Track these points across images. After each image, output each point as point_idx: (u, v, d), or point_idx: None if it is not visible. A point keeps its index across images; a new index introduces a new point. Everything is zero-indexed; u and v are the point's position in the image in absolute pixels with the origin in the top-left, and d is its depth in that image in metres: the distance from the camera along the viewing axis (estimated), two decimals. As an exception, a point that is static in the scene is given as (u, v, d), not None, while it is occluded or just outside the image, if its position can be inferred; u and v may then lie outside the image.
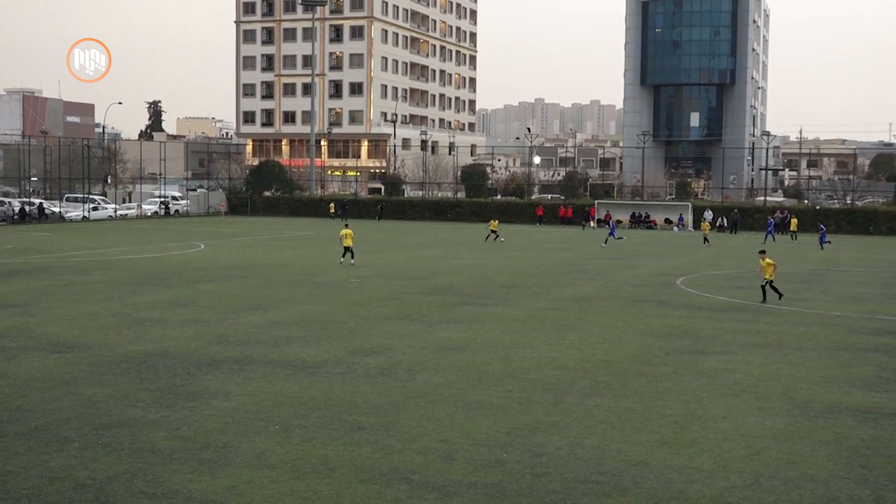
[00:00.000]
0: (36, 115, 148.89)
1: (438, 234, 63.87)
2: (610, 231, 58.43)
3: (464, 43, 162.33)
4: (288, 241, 54.78)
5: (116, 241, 52.09)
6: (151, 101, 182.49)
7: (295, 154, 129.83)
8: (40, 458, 12.37)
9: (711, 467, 12.47)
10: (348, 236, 39.54)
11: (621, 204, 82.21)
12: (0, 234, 57.38)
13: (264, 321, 23.95)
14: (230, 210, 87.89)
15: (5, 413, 14.59)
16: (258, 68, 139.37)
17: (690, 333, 23.15)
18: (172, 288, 30.76)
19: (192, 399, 15.61)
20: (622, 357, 19.92)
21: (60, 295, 28.60)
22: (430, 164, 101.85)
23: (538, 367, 18.67)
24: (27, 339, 21.03)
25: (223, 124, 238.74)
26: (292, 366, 18.41)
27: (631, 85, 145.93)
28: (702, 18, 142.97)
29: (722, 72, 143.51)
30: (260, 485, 11.50)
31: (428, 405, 15.49)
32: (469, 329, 23.21)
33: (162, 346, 20.26)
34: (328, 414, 14.84)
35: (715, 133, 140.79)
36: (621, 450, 13.15)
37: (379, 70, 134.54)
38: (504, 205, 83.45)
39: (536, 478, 11.92)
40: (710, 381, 17.73)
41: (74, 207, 78.84)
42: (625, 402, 15.89)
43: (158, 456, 12.56)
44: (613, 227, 59.27)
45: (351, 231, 40.09)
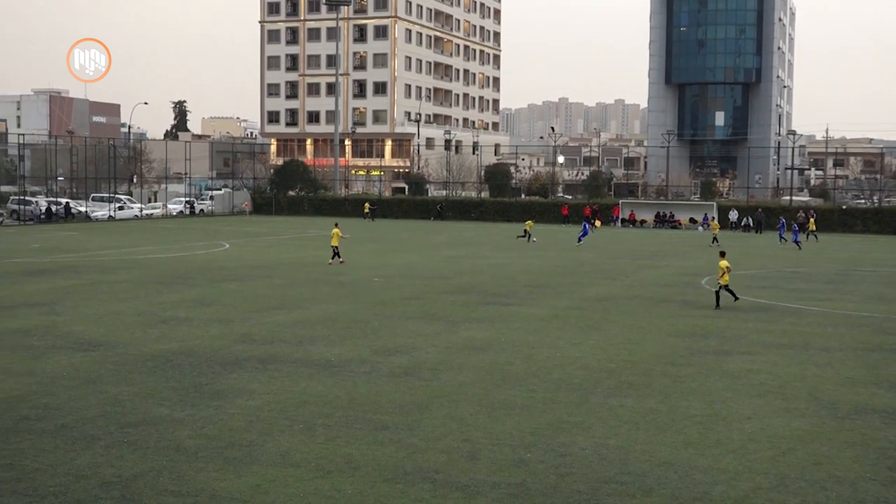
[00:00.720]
0: (62, 115, 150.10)
1: (462, 233, 63.85)
2: (583, 231, 56.29)
3: (487, 42, 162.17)
4: (312, 240, 54.91)
5: (142, 241, 52.41)
6: (177, 101, 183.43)
7: (319, 154, 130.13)
8: (67, 456, 12.47)
9: (736, 468, 12.41)
10: (335, 236, 39.09)
11: (646, 203, 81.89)
12: (27, 234, 57.86)
13: (288, 320, 24.03)
14: (255, 209, 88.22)
15: (32, 411, 14.71)
16: (283, 68, 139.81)
17: (715, 333, 23.04)
18: (197, 287, 30.92)
19: (217, 398, 15.69)
20: (646, 357, 19.85)
21: (86, 294, 28.81)
22: (453, 163, 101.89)
23: (562, 367, 18.64)
24: (54, 337, 21.20)
25: (248, 124, 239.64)
26: (316, 365, 18.47)
27: (655, 84, 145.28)
28: (727, 17, 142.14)
29: (747, 70, 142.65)
30: (284, 483, 11.55)
31: (452, 404, 15.50)
32: (493, 328, 23.20)
33: (187, 345, 20.37)
34: (352, 413, 14.87)
35: (740, 132, 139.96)
36: (646, 450, 13.11)
37: (403, 69, 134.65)
38: (528, 204, 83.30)
39: (560, 478, 11.90)
40: (735, 381, 17.64)
41: (100, 207, 79.36)
42: (649, 403, 15.83)
43: (184, 454, 12.63)
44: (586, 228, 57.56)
45: (339, 231, 39.63)
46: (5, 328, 22.29)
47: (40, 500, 10.87)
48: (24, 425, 13.91)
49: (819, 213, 71.12)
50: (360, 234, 60.47)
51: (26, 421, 14.14)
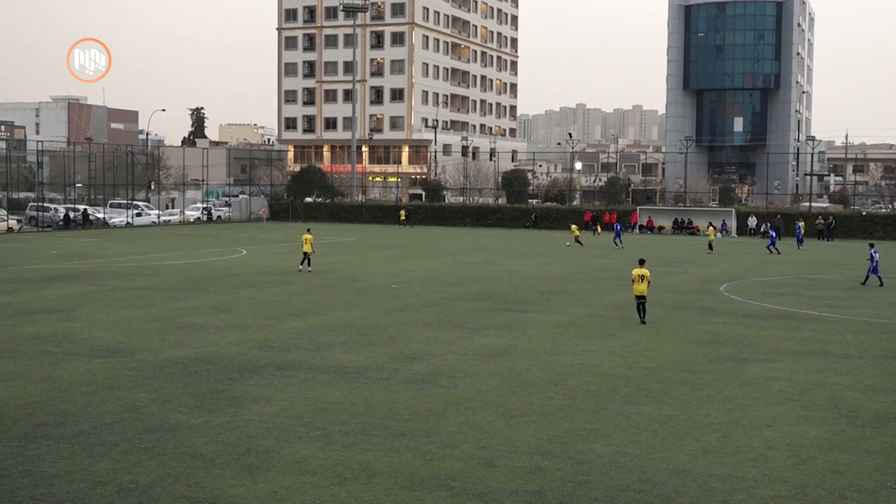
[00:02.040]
0: (81, 122, 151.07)
1: (479, 239, 63.80)
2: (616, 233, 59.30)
3: (505, 48, 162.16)
4: (329, 247, 54.97)
5: (159, 247, 52.59)
6: (194, 108, 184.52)
7: (336, 160, 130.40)
8: (84, 463, 12.49)
9: (756, 476, 12.32)
10: (308, 241, 38.65)
11: (664, 210, 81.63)
12: (45, 240, 58.18)
13: (305, 327, 24.05)
14: (272, 216, 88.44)
15: (50, 417, 14.76)
16: (300, 75, 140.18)
17: (734, 341, 22.91)
18: (214, 294, 30.99)
19: (233, 404, 15.70)
20: (664, 364, 19.76)
21: (104, 300, 28.92)
22: (470, 169, 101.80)
23: (579, 374, 18.57)
24: (72, 343, 21.28)
25: (265, 131, 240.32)
26: (333, 371, 18.46)
27: (673, 90, 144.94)
28: (745, 22, 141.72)
29: (766, 76, 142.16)
30: (301, 490, 11.53)
31: (469, 412, 15.46)
32: (510, 335, 23.14)
33: (204, 352, 20.40)
34: (369, 420, 14.85)
35: (759, 138, 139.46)
36: (664, 458, 13.04)
37: (420, 76, 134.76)
38: (545, 211, 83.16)
39: (578, 486, 11.85)
40: (754, 389, 17.53)
41: (118, 213, 79.71)
42: (667, 410, 15.75)
43: (201, 461, 12.63)
44: (619, 231, 59.99)
45: (311, 237, 39.20)
46: (23, 334, 22.39)
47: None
48: (41, 431, 13.95)
49: (838, 220, 70.76)
50: (397, 241, 60.59)
51: (44, 427, 14.18)
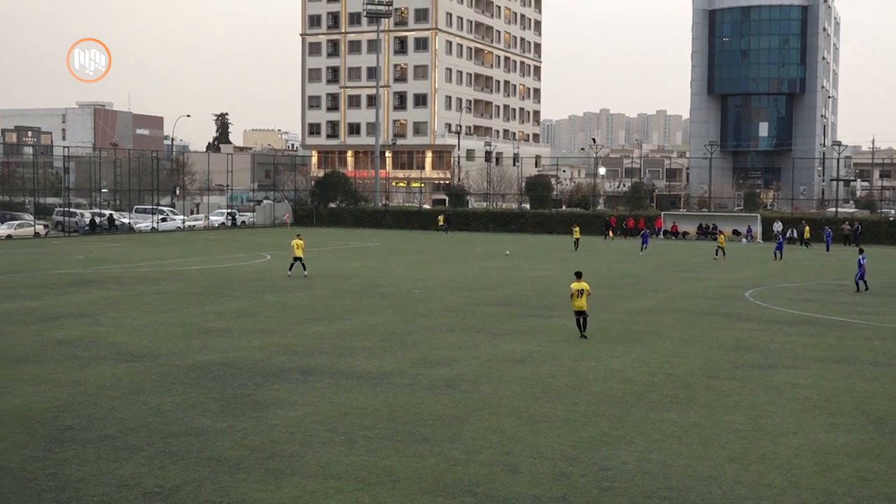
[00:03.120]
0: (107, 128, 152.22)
1: (503, 245, 63.73)
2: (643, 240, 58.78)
3: (528, 54, 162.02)
4: (353, 252, 55.09)
5: (184, 252, 52.87)
6: (219, 114, 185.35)
7: (360, 165, 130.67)
8: (110, 466, 12.56)
9: (782, 484, 12.23)
10: (299, 247, 38.29)
11: (688, 215, 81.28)
12: (71, 245, 58.60)
13: (329, 332, 24.09)
14: (295, 221, 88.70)
15: (76, 421, 14.85)
16: (324, 80, 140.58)
17: (760, 347, 22.76)
18: (239, 298, 31.11)
19: (258, 409, 15.75)
20: (689, 371, 19.65)
21: (129, 305, 29.09)
22: (494, 175, 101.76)
23: (604, 380, 18.50)
24: (97, 348, 21.41)
25: (289, 136, 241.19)
26: (357, 376, 18.48)
27: (698, 95, 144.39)
28: (770, 27, 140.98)
29: (791, 80, 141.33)
30: (325, 495, 11.55)
31: (492, 417, 15.43)
32: (534, 341, 23.10)
33: (228, 356, 20.48)
34: (393, 425, 14.85)
35: (784, 143, 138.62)
36: (689, 465, 12.97)
37: (443, 81, 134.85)
38: (568, 216, 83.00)
39: (602, 492, 11.80)
40: (780, 395, 17.41)
41: (143, 218, 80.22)
42: (692, 417, 15.66)
43: (225, 465, 12.68)
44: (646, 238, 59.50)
45: (302, 242, 38.85)
46: (50, 339, 22.56)
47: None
48: (68, 435, 14.04)
49: (865, 225, 70.19)
50: (433, 247, 60.66)
51: (70, 431, 14.27)
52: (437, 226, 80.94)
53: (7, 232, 66.27)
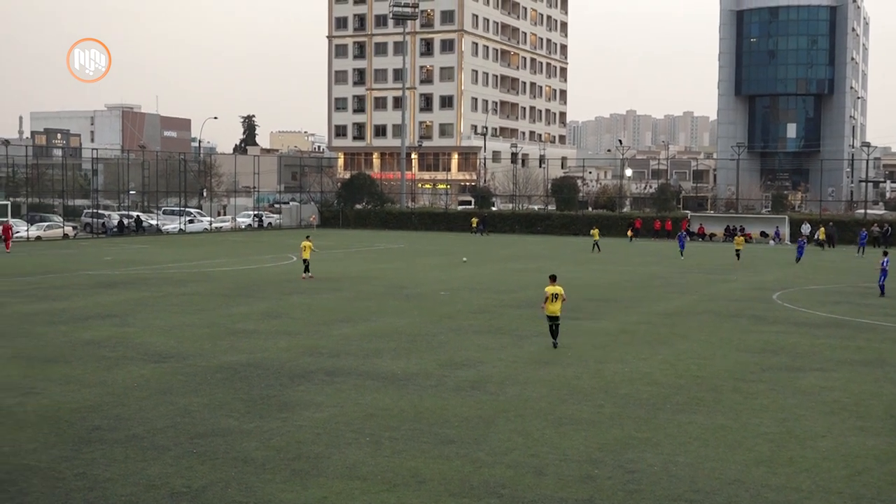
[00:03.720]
0: (135, 130, 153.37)
1: (528, 246, 63.66)
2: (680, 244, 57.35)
3: (554, 55, 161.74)
4: (379, 253, 55.19)
5: (211, 254, 53.14)
6: (246, 116, 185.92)
7: (386, 167, 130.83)
8: (138, 466, 12.64)
9: (810, 487, 12.14)
10: (307, 248, 38.29)
11: (715, 217, 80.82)
12: (100, 247, 59.05)
13: (355, 333, 24.13)
14: (322, 223, 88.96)
15: (104, 421, 14.96)
16: (350, 82, 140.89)
17: (787, 349, 22.60)
18: (265, 300, 31.23)
19: (284, 410, 15.80)
20: (716, 373, 19.54)
21: (157, 306, 29.28)
22: (520, 176, 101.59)
23: (630, 382, 18.43)
24: (125, 348, 21.56)
25: (315, 138, 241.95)
26: (383, 378, 18.50)
27: (725, 95, 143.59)
28: (798, 27, 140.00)
29: (820, 81, 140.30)
30: (351, 496, 11.57)
31: (518, 419, 15.41)
32: (560, 343, 23.03)
33: (255, 357, 20.56)
34: (418, 426, 14.86)
35: (812, 144, 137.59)
36: (715, 468, 12.89)
37: (469, 83, 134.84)
38: (595, 218, 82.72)
39: (628, 494, 11.76)
40: (808, 398, 17.28)
41: (171, 220, 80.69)
42: (719, 419, 15.57)
43: (252, 465, 12.73)
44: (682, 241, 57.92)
45: (311, 244, 38.79)
46: (78, 339, 22.74)
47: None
48: (96, 435, 14.14)
49: (894, 227, 69.54)
50: (442, 247, 60.69)
51: (98, 431, 14.38)
52: (472, 228, 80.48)
53: (36, 233, 66.88)
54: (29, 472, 12.35)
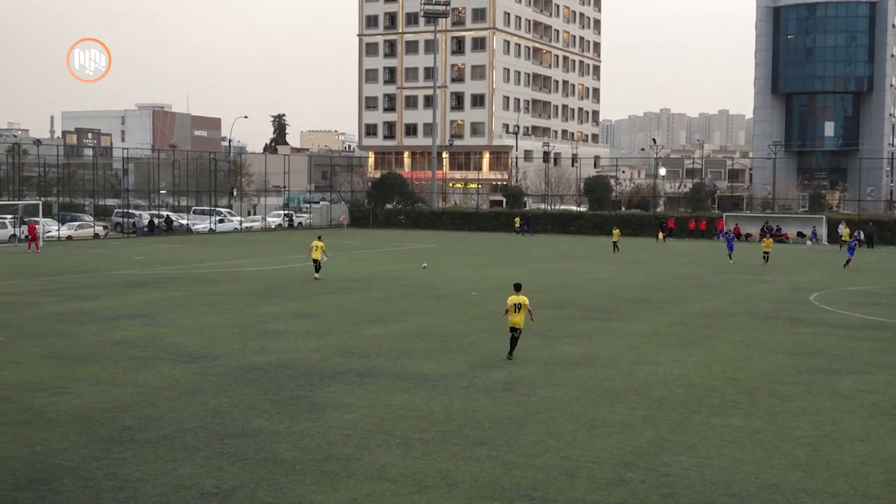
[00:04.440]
0: (165, 130, 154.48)
1: (560, 246, 63.41)
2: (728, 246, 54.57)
3: (587, 53, 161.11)
4: (409, 253, 55.14)
5: (241, 253, 53.35)
6: (276, 115, 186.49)
7: (416, 166, 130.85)
8: (168, 466, 12.62)
9: (848, 492, 11.92)
10: (317, 248, 37.53)
11: (751, 216, 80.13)
12: (130, 246, 59.45)
13: (385, 334, 24.05)
14: (352, 222, 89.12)
15: (135, 421, 14.96)
16: (380, 81, 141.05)
17: (825, 352, 22.27)
18: (295, 300, 31.24)
19: (314, 410, 15.73)
20: (752, 375, 19.28)
21: (187, 306, 29.36)
22: (552, 176, 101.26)
23: (664, 384, 18.21)
24: (156, 348, 21.61)
25: (346, 137, 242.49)
26: (413, 379, 18.40)
27: (761, 94, 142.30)
28: (837, 24, 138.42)
29: (858, 79, 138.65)
30: (381, 498, 11.48)
31: (550, 421, 15.25)
32: (592, 344, 22.84)
33: (285, 358, 20.53)
34: (449, 428, 14.74)
35: (851, 143, 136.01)
36: (751, 472, 12.69)
37: (501, 81, 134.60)
38: (627, 217, 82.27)
39: (662, 498, 11.58)
40: (846, 401, 16.99)
41: (201, 220, 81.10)
42: (755, 423, 15.34)
43: (282, 466, 12.67)
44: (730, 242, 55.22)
45: (321, 244, 37.98)
46: (109, 339, 22.82)
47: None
48: (126, 435, 14.14)
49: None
50: (473, 247, 60.59)
51: (128, 431, 14.37)
52: (515, 228, 79.88)
53: (67, 233, 67.46)
54: (60, 472, 12.36)
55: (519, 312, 20.36)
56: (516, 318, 20.44)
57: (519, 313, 20.36)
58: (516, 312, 20.35)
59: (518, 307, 20.34)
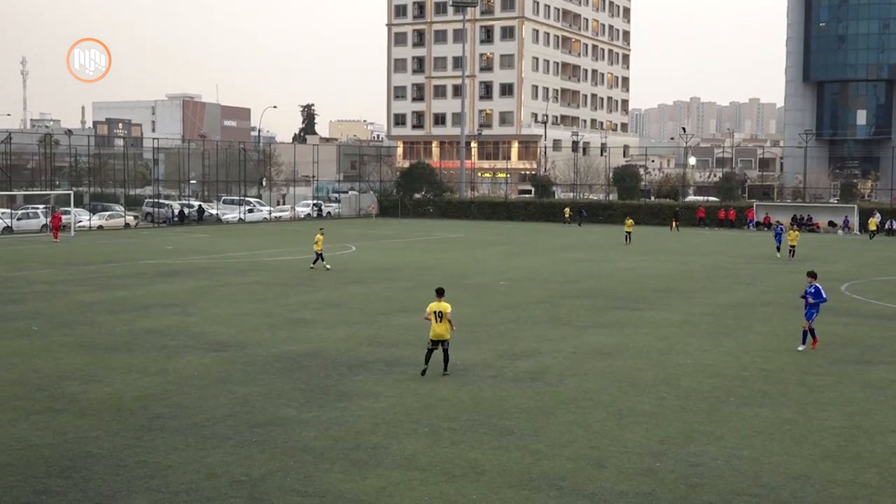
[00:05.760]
0: (195, 120, 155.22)
1: (589, 236, 63.22)
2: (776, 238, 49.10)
3: (616, 41, 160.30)
4: (437, 243, 55.16)
5: (271, 243, 53.56)
6: (305, 105, 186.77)
7: (445, 156, 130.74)
8: (198, 454, 12.71)
9: (879, 483, 11.83)
10: (318, 241, 37.24)
11: (782, 206, 79.52)
12: (161, 236, 59.85)
13: (413, 323, 24.06)
14: (381, 212, 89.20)
15: (165, 409, 15.08)
16: (409, 70, 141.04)
17: (856, 342, 22.09)
18: (324, 289, 31.35)
19: (343, 399, 15.79)
20: (782, 365, 19.15)
21: (217, 295, 29.53)
22: (581, 165, 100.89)
23: (692, 374, 18.14)
24: (186, 337, 21.76)
25: (374, 127, 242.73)
26: (441, 368, 18.40)
27: (793, 82, 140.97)
28: (869, 11, 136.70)
29: (892, 66, 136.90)
30: (409, 486, 11.51)
31: (578, 411, 15.23)
32: (621, 334, 22.78)
33: (314, 347, 20.61)
34: (477, 417, 14.76)
35: (884, 131, 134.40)
36: (781, 462, 12.62)
37: (530, 70, 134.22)
38: (656, 207, 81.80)
39: (691, 488, 11.54)
40: (878, 392, 16.85)
41: (231, 209, 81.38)
42: (785, 413, 15.24)
43: (310, 455, 12.73)
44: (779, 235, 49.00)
45: (322, 237, 37.62)
46: (140, 328, 23.00)
47: (172, 496, 11.10)
48: (157, 423, 14.26)
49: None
50: (501, 237, 60.53)
51: (159, 419, 14.49)
52: (566, 219, 79.14)
53: (99, 223, 67.98)
54: (91, 459, 12.49)
55: (441, 321, 17.63)
56: (439, 329, 17.65)
57: (441, 322, 17.63)
58: (438, 322, 17.65)
59: (440, 315, 17.63)
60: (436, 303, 17.75)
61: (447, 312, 17.62)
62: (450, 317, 17.68)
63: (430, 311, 17.75)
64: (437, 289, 18.26)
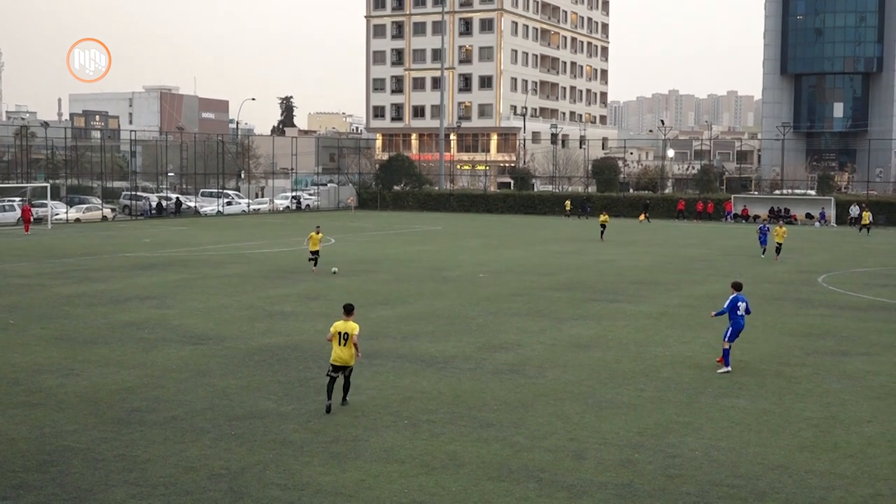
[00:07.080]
0: (173, 112, 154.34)
1: (568, 228, 63.34)
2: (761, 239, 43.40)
3: (595, 34, 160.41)
4: (417, 235, 55.14)
5: (249, 236, 53.37)
6: (283, 97, 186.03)
7: (424, 148, 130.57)
8: (176, 448, 12.67)
9: (855, 473, 11.93)
10: (314, 240, 34.66)
11: (759, 198, 79.91)
12: (138, 229, 59.53)
13: (393, 316, 24.08)
14: (359, 204, 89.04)
15: (143, 403, 15.02)
16: (388, 63, 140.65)
17: (833, 333, 22.24)
18: (303, 282, 31.28)
19: (322, 392, 15.72)
20: (759, 357, 19.27)
21: (196, 288, 29.41)
22: (560, 157, 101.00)
23: (671, 366, 18.22)
24: (164, 330, 21.67)
25: (353, 119, 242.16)
26: (421, 361, 18.44)
27: (770, 74, 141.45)
28: (846, 4, 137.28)
29: (868, 59, 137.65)
30: (389, 479, 11.52)
31: (557, 403, 15.28)
32: (599, 326, 22.85)
33: (293, 340, 20.58)
34: (456, 410, 14.78)
35: (860, 124, 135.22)
36: (758, 453, 12.71)
37: (509, 63, 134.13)
38: (635, 199, 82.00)
39: (669, 479, 11.60)
40: (854, 383, 16.98)
41: (209, 202, 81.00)
42: (762, 404, 15.34)
43: (290, 448, 12.72)
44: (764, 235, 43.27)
45: (319, 236, 35.20)
46: (117, 321, 22.88)
47: (151, 490, 11.06)
48: (135, 417, 14.20)
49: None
50: (480, 230, 60.59)
51: (137, 413, 14.44)
52: (566, 211, 78.55)
53: (76, 215, 67.52)
54: (69, 453, 12.43)
55: (346, 345, 14.88)
56: (342, 354, 14.84)
57: (346, 346, 14.88)
58: (342, 345, 14.89)
59: (345, 337, 14.90)
60: (342, 322, 15.14)
61: (354, 334, 14.91)
62: (356, 340, 14.93)
63: (334, 331, 15.05)
64: (345, 305, 15.67)
